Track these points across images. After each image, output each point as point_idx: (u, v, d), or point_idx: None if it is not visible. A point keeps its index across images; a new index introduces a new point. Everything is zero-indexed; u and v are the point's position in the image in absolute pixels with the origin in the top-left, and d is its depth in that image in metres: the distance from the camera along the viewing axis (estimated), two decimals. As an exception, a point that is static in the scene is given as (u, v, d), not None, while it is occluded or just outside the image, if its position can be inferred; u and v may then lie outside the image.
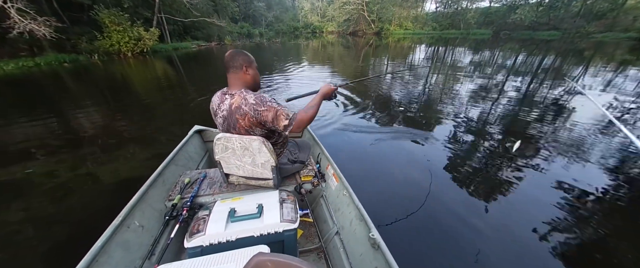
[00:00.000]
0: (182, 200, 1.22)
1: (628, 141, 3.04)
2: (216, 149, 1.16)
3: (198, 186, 1.30)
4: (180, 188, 1.28)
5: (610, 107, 4.36)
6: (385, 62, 10.77)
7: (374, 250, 1.00)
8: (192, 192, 1.24)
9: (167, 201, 1.24)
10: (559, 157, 2.69)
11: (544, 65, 9.36)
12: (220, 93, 1.19)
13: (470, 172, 2.44)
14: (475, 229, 1.74)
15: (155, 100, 5.14)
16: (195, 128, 1.98)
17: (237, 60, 1.10)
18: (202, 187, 1.31)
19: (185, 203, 1.19)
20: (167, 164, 1.43)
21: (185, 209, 1.16)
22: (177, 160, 1.57)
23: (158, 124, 3.81)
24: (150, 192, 1.21)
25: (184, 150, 1.72)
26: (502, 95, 5.22)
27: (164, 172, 1.37)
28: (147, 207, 1.16)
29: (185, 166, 1.62)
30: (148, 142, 3.16)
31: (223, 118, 1.15)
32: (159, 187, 1.28)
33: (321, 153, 1.69)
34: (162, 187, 1.31)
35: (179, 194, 1.23)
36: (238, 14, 32.23)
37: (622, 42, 17.74)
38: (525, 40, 20.81)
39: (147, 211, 1.15)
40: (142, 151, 2.91)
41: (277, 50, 16.57)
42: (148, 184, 1.21)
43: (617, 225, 1.82)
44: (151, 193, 1.22)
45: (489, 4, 31.23)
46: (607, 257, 1.58)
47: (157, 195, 1.25)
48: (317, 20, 47.71)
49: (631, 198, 2.10)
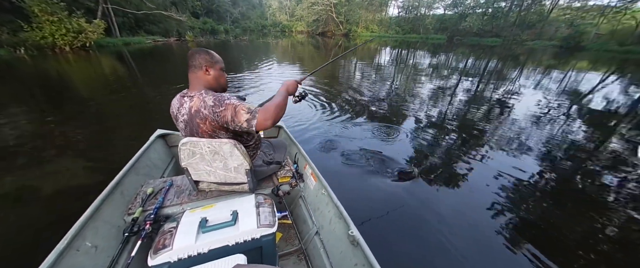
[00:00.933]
0: (145, 212, 1.11)
1: (556, 132, 3.64)
2: (182, 155, 1.07)
3: (163, 196, 1.19)
4: (142, 200, 1.15)
5: (540, 104, 5.15)
6: (353, 62, 11.12)
7: (354, 247, 1.01)
8: (156, 203, 1.13)
9: (127, 215, 1.11)
10: (502, 148, 3.10)
11: (488, 68, 10.66)
12: (179, 96, 1.10)
13: (434, 164, 2.66)
14: (438, 216, 1.90)
15: (105, 102, 4.53)
16: (158, 132, 1.81)
17: (196, 59, 1.02)
18: (168, 197, 1.21)
19: (148, 216, 1.07)
20: (125, 174, 1.29)
21: (149, 223, 1.05)
22: (138, 169, 1.42)
23: (111, 130, 3.37)
24: (105, 207, 1.07)
25: (146, 157, 1.56)
26: (456, 94, 5.80)
27: (122, 183, 1.23)
28: (101, 223, 1.02)
29: (147, 175, 1.47)
30: (101, 151, 2.77)
31: (184, 123, 1.07)
32: (116, 200, 1.14)
33: (298, 153, 1.67)
34: (120, 199, 1.17)
35: (140, 206, 1.11)
36: (200, 8, 30.13)
37: (548, 49, 21.08)
38: (474, 45, 23.39)
39: (102, 228, 1.01)
40: (93, 162, 2.54)
41: (245, 49, 15.94)
42: (102, 198, 1.07)
43: (549, 204, 2.16)
44: (107, 208, 1.08)
45: (444, 12, 34.35)
46: (546, 229, 1.86)
47: (114, 209, 1.11)
48: (285, 19, 47.14)
49: (560, 179, 2.51)
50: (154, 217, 1.08)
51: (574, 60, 14.07)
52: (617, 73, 10.25)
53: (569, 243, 1.75)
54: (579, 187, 2.43)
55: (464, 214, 1.94)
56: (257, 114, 0.94)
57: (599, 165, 2.83)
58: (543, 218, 1.99)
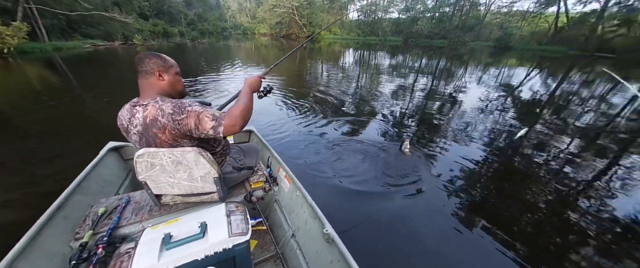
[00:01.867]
0: (96, 235, 0.99)
1: (497, 120, 4.21)
2: (139, 168, 0.98)
3: (119, 215, 1.07)
4: (93, 222, 1.03)
5: (481, 97, 5.90)
6: (320, 63, 11.32)
7: (329, 245, 1.02)
8: (110, 224, 1.02)
9: (73, 241, 0.98)
10: (455, 137, 3.48)
11: (439, 66, 11.83)
12: (129, 105, 1.00)
13: (399, 156, 2.85)
14: (407, 206, 2.05)
15: (35, 117, 3.85)
16: (110, 145, 1.62)
17: (146, 63, 0.94)
18: (125, 215, 1.09)
19: (100, 239, 0.96)
20: (68, 195, 1.13)
21: (101, 246, 0.94)
22: (86, 188, 1.27)
23: (48, 147, 2.88)
24: (45, 234, 0.93)
25: (96, 173, 1.39)
26: (414, 91, 6.32)
27: (65, 205, 1.08)
28: (41, 253, 0.89)
29: (99, 193, 1.31)
30: (41, 170, 2.36)
31: (138, 134, 0.97)
32: (59, 225, 1.00)
33: (271, 157, 1.64)
34: (63, 224, 1.02)
35: (90, 229, 0.99)
36: (149, 9, 27.49)
37: (485, 49, 24.16)
38: (426, 46, 25.70)
39: (41, 259, 0.88)
40: (28, 186, 2.15)
41: (204, 52, 15.03)
42: (39, 225, 0.93)
43: (498, 185, 2.49)
44: (47, 235, 0.94)
45: (398, 16, 37.03)
46: (493, 207, 2.15)
47: (56, 235, 0.97)
48: (247, 21, 45.78)
49: (502, 161, 2.91)
50: (108, 239, 0.97)
51: (505, 59, 16.41)
52: (538, 68, 12.25)
53: (512, 213, 2.06)
54: (516, 166, 2.85)
55: (431, 203, 2.11)
56: (222, 120, 0.88)
57: (530, 146, 3.37)
58: (491, 193, 2.30)
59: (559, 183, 2.49)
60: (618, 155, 3.20)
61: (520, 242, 1.75)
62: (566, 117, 4.63)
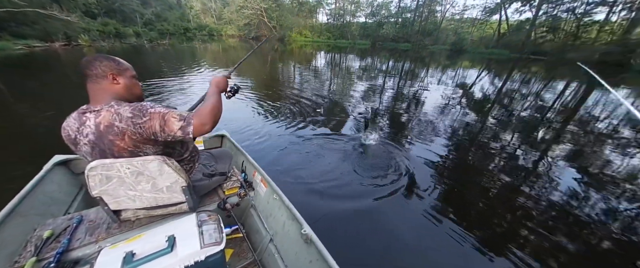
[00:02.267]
0: (40, 262, 0.87)
1: (456, 116, 4.63)
2: (92, 182, 0.89)
3: (69, 237, 0.96)
4: (36, 247, 0.90)
5: (443, 96, 6.45)
6: (292, 66, 11.29)
7: (308, 245, 1.01)
8: (58, 248, 0.90)
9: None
10: (421, 133, 3.76)
11: (405, 68, 12.64)
12: (76, 114, 0.90)
13: (374, 155, 2.98)
14: (379, 201, 2.16)
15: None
16: (56, 158, 1.43)
17: (96, 66, 0.86)
18: (77, 236, 0.98)
19: (46, 266, 0.85)
20: (4, 217, 0.98)
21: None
22: (26, 209, 1.10)
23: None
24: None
25: (39, 192, 1.22)
26: (384, 91, 6.66)
27: (1, 231, 0.93)
28: None
29: (44, 214, 1.16)
30: None
31: (90, 144, 0.87)
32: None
33: (245, 161, 1.60)
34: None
35: (33, 256, 0.87)
36: (96, 7, 24.69)
37: (443, 52, 26.39)
38: (392, 49, 27.19)
39: None
40: None
41: (165, 54, 13.97)
42: None
43: (462, 176, 2.75)
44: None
45: (365, 20, 38.67)
46: (459, 196, 2.37)
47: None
48: (212, 22, 43.69)
49: (463, 153, 3.22)
50: (56, 265, 0.86)
51: (460, 61, 18.15)
52: (487, 69, 13.78)
53: (473, 198, 2.29)
54: (474, 157, 3.18)
55: (405, 197, 2.22)
56: (191, 119, 0.83)
57: (484, 138, 3.78)
58: (457, 182, 2.54)
59: (508, 171, 2.84)
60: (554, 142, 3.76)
61: (482, 227, 1.96)
62: (512, 111, 5.30)
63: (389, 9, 36.12)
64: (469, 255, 1.69)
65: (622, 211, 2.23)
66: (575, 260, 1.73)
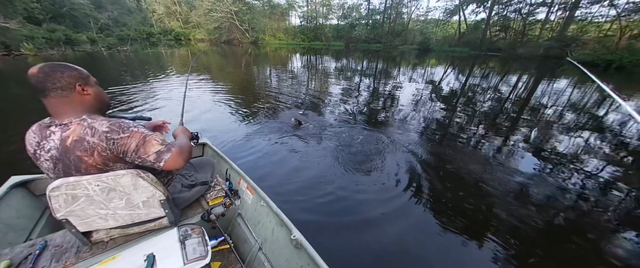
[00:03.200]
0: None
1: (428, 111, 4.93)
2: (55, 204, 0.81)
3: (31, 266, 0.86)
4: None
5: (415, 93, 6.83)
6: (268, 69, 11.12)
7: (298, 251, 1.00)
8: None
9: None
10: (398, 128, 3.94)
11: (378, 68, 13.14)
12: (36, 127, 0.83)
13: (356, 153, 3.05)
14: (368, 203, 2.18)
15: None
16: (14, 180, 1.30)
17: (59, 78, 0.77)
18: (41, 264, 0.89)
19: (6, 303, 0.76)
20: None
21: (8, 311, 0.75)
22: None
23: None
24: None
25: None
26: (360, 90, 6.86)
27: None
28: None
29: (0, 243, 1.04)
30: None
31: (53, 160, 0.81)
32: None
33: (229, 169, 1.55)
34: None
35: None
36: (40, 12, 22.13)
37: (412, 51, 27.89)
38: (365, 50, 28.09)
39: None
40: None
41: (127, 61, 12.94)
42: None
43: (436, 164, 2.93)
44: None
45: (337, 22, 39.48)
46: (451, 196, 2.53)
47: None
48: (178, 26, 41.45)
49: (435, 145, 3.44)
50: (19, 300, 0.78)
51: (428, 59, 19.34)
52: (451, 67, 14.85)
53: (464, 198, 2.46)
54: (447, 148, 3.41)
55: (394, 198, 2.23)
56: (173, 148, 0.83)
57: (453, 130, 4.07)
58: (444, 181, 2.70)
59: (475, 158, 3.10)
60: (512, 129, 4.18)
61: (465, 220, 2.08)
62: (475, 104, 5.79)
63: (360, 11, 37.30)
64: (462, 257, 1.70)
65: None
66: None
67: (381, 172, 2.66)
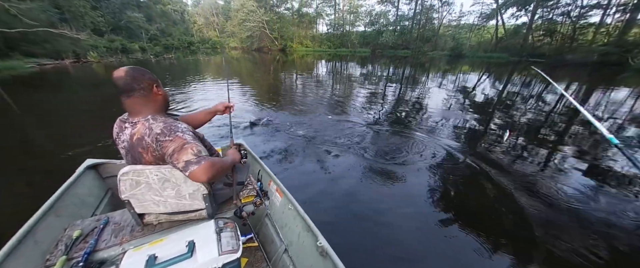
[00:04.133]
0: (70, 261, 0.92)
1: (458, 120, 4.68)
2: (123, 187, 0.93)
3: (96, 238, 1.01)
4: (66, 246, 0.96)
5: (444, 101, 6.51)
6: (294, 75, 11.50)
7: (323, 258, 0.99)
8: (86, 248, 0.96)
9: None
10: (428, 136, 3.80)
11: (405, 74, 12.80)
12: (118, 120, 0.99)
13: (385, 163, 2.95)
14: (399, 214, 2.07)
15: None
16: (88, 162, 1.51)
17: (142, 80, 0.90)
18: (103, 237, 1.03)
19: (75, 266, 0.91)
20: (39, 218, 1.04)
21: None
22: (60, 209, 1.17)
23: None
24: (11, 262, 0.86)
25: (72, 194, 1.29)
26: (386, 97, 6.75)
27: (35, 230, 0.99)
28: None
29: (74, 215, 1.22)
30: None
31: (125, 150, 0.97)
32: (27, 252, 0.92)
33: (262, 170, 1.61)
34: (33, 250, 0.94)
35: (63, 255, 0.92)
36: (104, 25, 25.67)
37: (443, 58, 26.67)
38: (391, 56, 27.57)
39: None
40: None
41: (170, 67, 14.36)
42: (7, 251, 0.86)
43: (462, 175, 2.77)
44: (14, 264, 0.87)
45: (364, 29, 39.46)
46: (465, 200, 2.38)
47: (24, 263, 0.89)
48: (215, 35, 44.96)
49: (464, 156, 3.25)
50: (84, 264, 0.92)
51: (460, 65, 18.32)
52: (487, 73, 13.89)
53: (478, 202, 2.30)
54: (477, 160, 3.20)
55: (428, 211, 2.12)
56: (203, 161, 0.84)
57: (487, 143, 3.80)
58: (462, 186, 2.55)
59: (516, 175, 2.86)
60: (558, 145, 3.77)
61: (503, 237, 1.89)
62: (512, 114, 5.34)
63: (388, 18, 36.87)
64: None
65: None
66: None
67: (414, 186, 2.48)
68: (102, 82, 10.17)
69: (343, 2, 39.93)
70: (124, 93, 0.90)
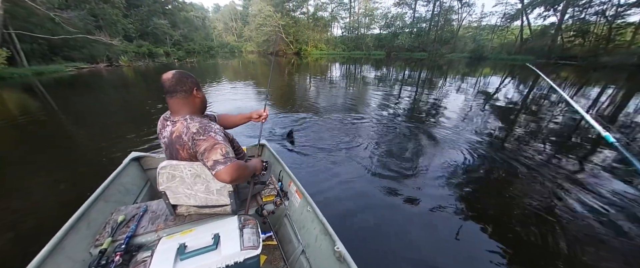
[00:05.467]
0: (115, 243, 1.03)
1: (478, 125, 4.52)
2: (160, 179, 1.03)
3: (136, 223, 1.12)
4: (112, 229, 1.07)
5: (463, 105, 6.30)
6: (308, 78, 11.67)
7: (340, 263, 0.99)
8: (128, 232, 1.07)
9: (93, 247, 1.02)
10: (445, 141, 3.71)
11: (422, 77, 12.51)
12: (162, 118, 1.09)
13: (399, 165, 2.94)
14: (419, 220, 2.02)
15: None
16: (133, 155, 1.67)
17: (185, 83, 0.99)
18: (142, 224, 1.14)
19: (118, 247, 1.01)
20: (92, 202, 1.17)
21: (119, 254, 0.98)
22: (108, 196, 1.31)
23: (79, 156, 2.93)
24: (68, 240, 0.98)
25: (118, 182, 1.43)
26: (401, 100, 6.66)
27: (88, 212, 1.12)
28: (63, 259, 0.93)
29: (119, 201, 1.35)
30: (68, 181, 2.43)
31: (165, 145, 1.06)
32: (81, 232, 1.04)
33: (282, 171, 1.65)
34: (86, 231, 1.06)
35: (110, 237, 1.03)
36: (133, 31, 27.57)
37: (462, 60, 25.79)
38: (407, 59, 27.10)
39: (64, 264, 0.92)
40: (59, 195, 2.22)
41: (192, 71, 15.12)
42: (65, 229, 0.97)
43: (481, 180, 2.68)
44: (70, 241, 0.98)
45: (380, 31, 39.13)
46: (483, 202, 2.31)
47: (78, 241, 1.01)
48: (233, 40, 46.75)
49: (487, 162, 3.13)
50: (125, 247, 1.02)
51: (481, 68, 17.59)
52: (510, 76, 13.23)
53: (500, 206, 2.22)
54: (500, 168, 3.08)
55: (448, 218, 2.06)
56: (229, 162, 0.90)
57: (511, 147, 3.64)
58: (481, 191, 2.47)
59: (542, 181, 2.72)
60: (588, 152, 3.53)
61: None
62: (538, 119, 5.05)
63: (404, 20, 36.32)
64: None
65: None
66: None
67: (440, 194, 2.40)
68: (131, 83, 10.93)
69: (358, 6, 39.92)
70: (168, 93, 1.00)
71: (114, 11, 22.37)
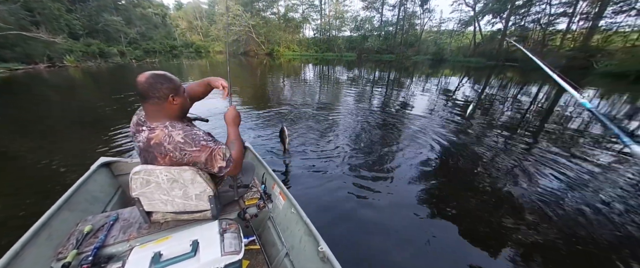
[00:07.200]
0: (80, 255, 0.95)
1: (442, 120, 4.94)
2: (134, 185, 0.96)
3: (106, 233, 1.04)
4: (77, 241, 0.98)
5: (428, 104, 6.83)
6: (282, 79, 11.55)
7: (324, 264, 1.00)
8: (96, 243, 0.98)
9: (56, 261, 0.92)
10: (412, 138, 3.99)
11: (391, 77, 13.22)
12: (136, 121, 1.00)
13: (373, 161, 3.11)
14: (399, 220, 2.07)
15: None
16: (101, 160, 1.53)
17: (159, 89, 0.91)
18: (112, 233, 1.06)
19: (84, 259, 0.93)
20: (55, 211, 1.06)
21: (85, 267, 0.91)
22: (73, 204, 1.19)
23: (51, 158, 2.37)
24: (26, 253, 0.88)
25: (84, 190, 1.31)
26: (372, 100, 6.97)
27: (49, 223, 1.01)
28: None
29: (86, 211, 1.24)
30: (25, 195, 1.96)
31: (139, 149, 0.99)
32: (41, 244, 0.95)
33: (266, 173, 1.62)
34: (46, 243, 0.96)
35: (74, 249, 0.94)
36: (80, 28, 24.51)
37: (425, 62, 27.76)
38: (377, 61, 28.34)
39: None
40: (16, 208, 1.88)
41: (155, 73, 13.95)
42: (23, 242, 0.88)
43: (446, 170, 2.95)
44: (28, 254, 0.89)
45: (350, 34, 40.28)
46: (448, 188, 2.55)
47: (38, 255, 0.92)
48: (198, 39, 44.17)
49: (449, 153, 3.45)
50: (93, 259, 0.94)
51: (442, 69, 19.17)
52: (466, 77, 14.64)
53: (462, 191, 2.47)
54: (460, 157, 3.42)
55: (427, 215, 2.13)
56: (231, 162, 0.97)
57: (469, 138, 4.06)
58: (445, 178, 2.72)
59: (497, 168, 3.08)
60: (535, 142, 4.09)
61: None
62: (494, 113, 5.71)
63: (373, 23, 37.94)
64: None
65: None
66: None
67: (423, 193, 2.47)
68: (80, 85, 9.73)
69: (329, 8, 40.69)
70: (141, 98, 0.94)
71: (54, 5, 19.65)
